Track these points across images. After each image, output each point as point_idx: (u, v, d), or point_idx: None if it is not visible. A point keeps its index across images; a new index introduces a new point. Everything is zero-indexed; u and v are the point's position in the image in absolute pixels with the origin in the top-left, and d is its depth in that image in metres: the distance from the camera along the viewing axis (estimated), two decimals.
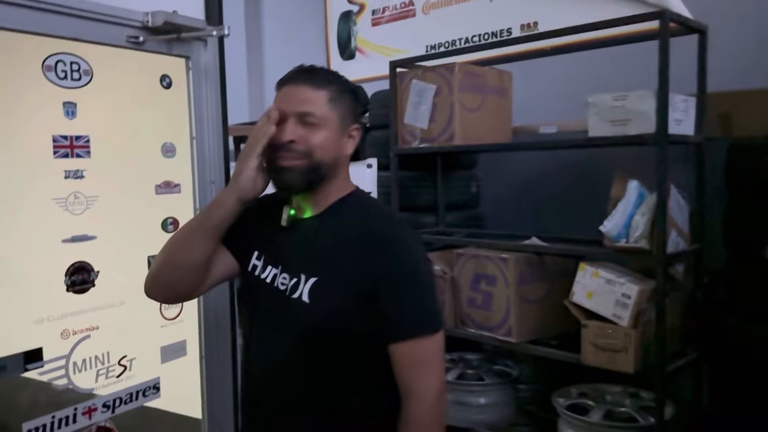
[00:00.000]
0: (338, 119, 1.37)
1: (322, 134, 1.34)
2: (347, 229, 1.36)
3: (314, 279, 1.32)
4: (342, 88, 1.40)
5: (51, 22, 1.70)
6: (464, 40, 3.96)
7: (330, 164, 1.37)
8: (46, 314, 1.74)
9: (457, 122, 2.94)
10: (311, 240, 1.38)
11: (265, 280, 1.42)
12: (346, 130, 1.40)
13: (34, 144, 1.70)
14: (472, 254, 2.86)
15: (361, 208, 1.43)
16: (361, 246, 1.32)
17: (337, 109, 1.37)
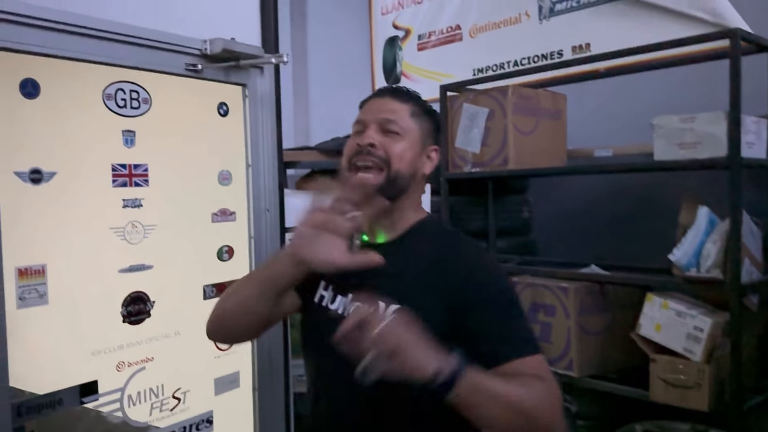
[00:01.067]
0: (419, 134, 1.33)
1: (402, 144, 1.29)
2: (429, 254, 1.27)
3: (396, 306, 1.20)
4: (424, 109, 1.37)
5: (112, 50, 1.70)
6: (513, 63, 3.89)
7: (407, 178, 1.30)
8: (103, 346, 1.71)
9: (511, 146, 2.86)
10: (388, 266, 1.22)
11: (336, 311, 1.31)
12: (426, 148, 1.35)
13: (94, 173, 1.69)
14: (529, 282, 2.76)
15: (441, 234, 1.35)
16: (448, 272, 1.23)
17: (420, 124, 1.33)
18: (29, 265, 1.54)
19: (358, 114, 1.37)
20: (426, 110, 1.37)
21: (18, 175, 1.52)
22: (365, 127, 1.31)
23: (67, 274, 1.63)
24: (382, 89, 1.41)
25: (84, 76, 1.67)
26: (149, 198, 1.82)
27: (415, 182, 1.33)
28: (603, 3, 3.42)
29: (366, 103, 1.38)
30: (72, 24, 1.59)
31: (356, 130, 1.33)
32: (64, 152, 1.62)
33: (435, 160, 1.37)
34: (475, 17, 4.13)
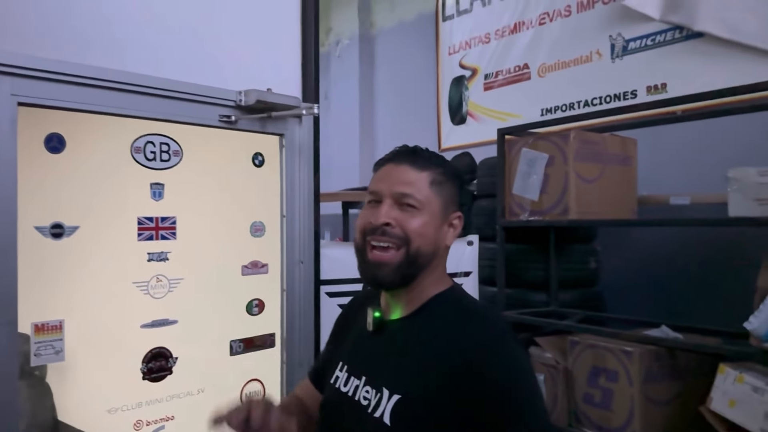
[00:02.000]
0: (440, 205, 1.19)
1: (421, 219, 1.16)
2: (438, 336, 1.14)
3: (398, 396, 1.11)
4: (447, 172, 1.22)
5: (141, 103, 1.70)
6: (583, 103, 3.71)
7: (428, 255, 1.18)
8: (120, 403, 1.67)
9: (572, 194, 2.68)
10: (398, 347, 1.18)
11: (346, 394, 1.22)
12: (448, 218, 1.21)
13: (118, 226, 1.68)
14: (590, 343, 2.54)
15: (456, 312, 1.19)
16: (453, 361, 1.09)
17: (440, 193, 1.20)
18: (46, 321, 1.53)
19: (372, 181, 1.24)
20: (448, 174, 1.23)
21: (39, 230, 1.53)
22: (380, 199, 1.19)
23: (86, 329, 1.61)
24: (400, 153, 1.25)
25: (112, 130, 1.67)
26: (176, 251, 1.79)
27: (437, 257, 1.20)
28: (681, 41, 3.20)
29: (381, 168, 1.24)
30: (99, 78, 1.60)
31: (371, 201, 1.21)
32: (88, 206, 1.62)
33: (458, 228, 1.23)
34: (545, 56, 3.99)
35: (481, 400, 1.05)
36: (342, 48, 5.73)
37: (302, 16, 2.12)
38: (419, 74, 4.87)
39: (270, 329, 2.01)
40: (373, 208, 1.19)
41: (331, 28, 5.90)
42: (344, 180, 4.87)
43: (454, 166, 1.29)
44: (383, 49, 5.38)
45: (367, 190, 1.24)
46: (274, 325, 2.01)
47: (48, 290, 1.54)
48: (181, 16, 1.89)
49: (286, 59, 2.09)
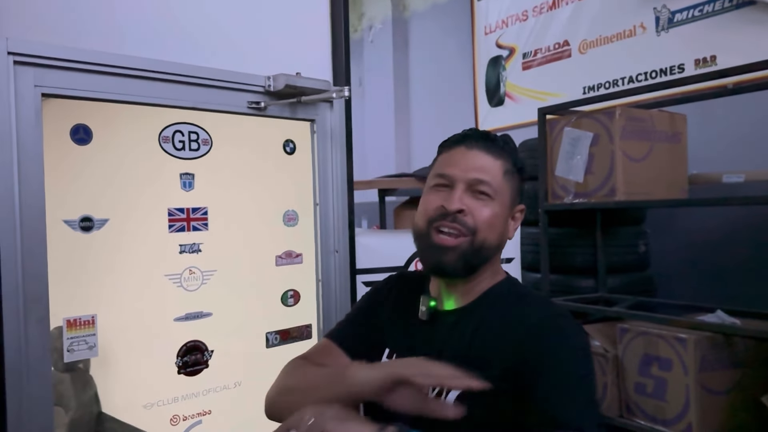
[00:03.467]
0: (510, 196, 1.16)
1: (492, 209, 1.12)
2: (497, 323, 1.12)
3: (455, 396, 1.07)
4: (515, 162, 1.18)
5: (168, 92, 1.65)
6: (627, 80, 3.54)
7: (493, 247, 1.15)
8: (156, 399, 1.64)
9: (619, 174, 2.55)
10: (457, 338, 1.13)
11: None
12: (513, 210, 1.18)
13: (148, 218, 1.64)
14: (641, 331, 2.42)
15: (512, 298, 1.16)
16: (513, 342, 1.07)
17: (511, 184, 1.16)
18: (78, 316, 1.51)
19: (441, 164, 1.18)
20: (516, 164, 1.18)
21: (68, 223, 1.50)
22: (452, 184, 1.13)
23: (119, 324, 1.58)
24: (473, 136, 1.18)
25: (139, 119, 1.63)
26: (208, 242, 1.75)
27: (499, 247, 1.17)
28: (730, 10, 3.01)
29: (451, 150, 1.18)
30: (125, 67, 1.56)
31: (439, 184, 1.15)
32: (117, 198, 1.58)
33: (519, 221, 1.19)
34: (585, 32, 3.83)
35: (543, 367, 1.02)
36: (375, 33, 5.64)
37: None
38: (454, 56, 4.75)
39: (306, 320, 1.96)
40: (441, 192, 1.14)
41: (364, 13, 5.81)
42: (380, 167, 4.80)
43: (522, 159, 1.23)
44: (417, 32, 5.27)
45: (433, 173, 1.18)
46: (310, 316, 1.96)
47: (79, 285, 1.52)
48: (207, 1, 1.84)
49: (315, 42, 2.02)
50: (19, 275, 1.40)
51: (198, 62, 1.71)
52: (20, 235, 1.40)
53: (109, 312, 1.56)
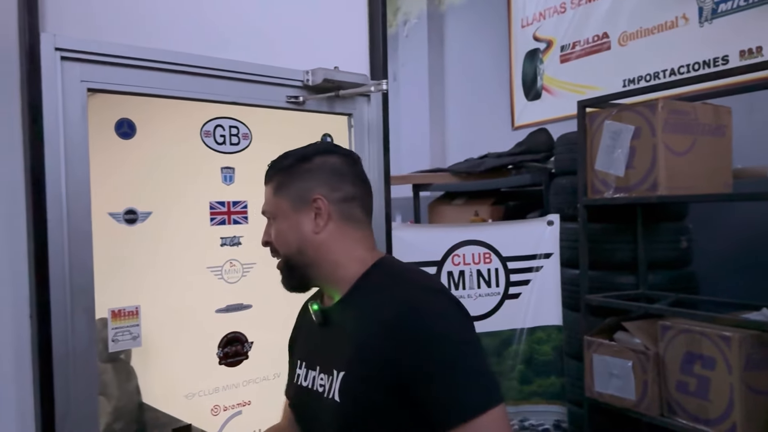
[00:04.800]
0: (289, 204, 1.19)
1: (276, 229, 1.21)
2: (367, 310, 1.13)
3: (343, 373, 1.12)
4: (294, 168, 1.21)
5: (210, 86, 1.67)
6: (669, 72, 3.46)
7: (297, 254, 1.19)
8: (197, 389, 1.67)
9: (661, 168, 2.49)
10: (340, 329, 1.18)
11: (307, 388, 1.23)
12: (306, 208, 1.18)
13: (191, 211, 1.67)
14: (683, 328, 2.37)
15: (382, 283, 1.16)
16: (380, 330, 1.08)
17: (286, 194, 1.20)
18: (122, 307, 1.54)
19: None
20: (293, 169, 1.20)
21: (113, 216, 1.53)
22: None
23: (162, 315, 1.61)
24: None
25: (181, 114, 1.65)
26: (248, 235, 1.77)
27: (312, 247, 1.17)
28: None
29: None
30: (168, 62, 1.59)
31: None
32: (160, 192, 1.61)
33: (325, 208, 1.17)
34: (626, 24, 3.75)
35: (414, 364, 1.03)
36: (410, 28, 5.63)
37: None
38: (490, 50, 4.70)
39: None
40: None
41: (399, 8, 5.80)
42: (414, 162, 4.80)
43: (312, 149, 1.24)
44: (452, 26, 5.24)
45: None
46: None
47: (123, 276, 1.55)
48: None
49: (352, 36, 2.02)
50: (66, 267, 1.44)
51: (237, 57, 1.73)
52: (67, 227, 1.44)
53: (151, 303, 1.59)
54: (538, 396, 2.78)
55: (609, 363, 2.58)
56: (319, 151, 1.23)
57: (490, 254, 2.73)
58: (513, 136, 4.25)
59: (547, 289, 2.81)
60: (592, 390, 2.63)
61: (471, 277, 2.71)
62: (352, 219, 1.19)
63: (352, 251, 1.19)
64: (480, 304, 2.72)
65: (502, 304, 2.75)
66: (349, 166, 1.21)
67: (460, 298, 2.74)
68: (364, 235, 1.21)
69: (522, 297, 2.78)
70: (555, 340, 2.80)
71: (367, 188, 1.24)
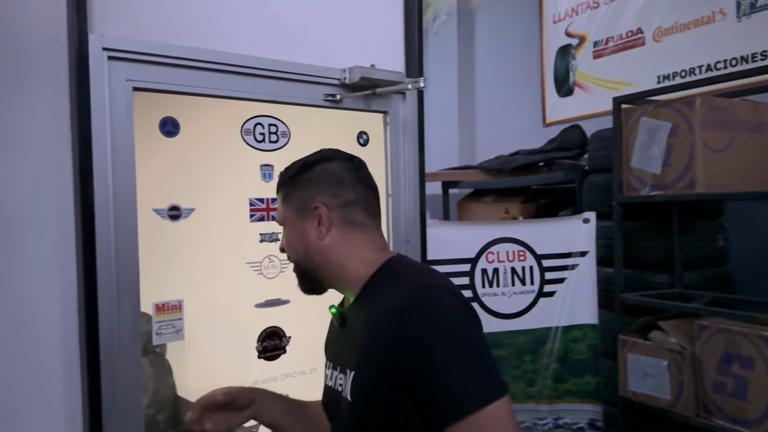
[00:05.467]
0: (294, 213, 1.24)
1: (285, 236, 1.27)
2: (372, 310, 1.16)
3: (353, 373, 1.15)
4: (297, 177, 1.24)
5: (250, 85, 1.70)
6: (705, 68, 3.40)
7: (305, 260, 1.23)
8: (237, 382, 1.68)
9: (698, 166, 2.46)
10: (353, 330, 1.21)
11: (331, 387, 1.27)
12: (309, 216, 1.21)
13: (231, 208, 1.70)
14: (721, 327, 2.34)
15: (387, 283, 1.18)
16: (382, 328, 1.10)
17: (292, 202, 1.24)
18: (166, 301, 1.57)
19: None
20: (301, 173, 1.23)
21: (157, 212, 1.56)
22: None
23: (203, 309, 1.64)
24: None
25: (222, 113, 1.68)
26: None
27: (318, 252, 1.20)
28: None
29: None
30: (210, 61, 1.61)
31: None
32: (202, 188, 1.64)
33: (323, 213, 1.19)
34: (660, 19, 3.70)
35: (413, 360, 1.04)
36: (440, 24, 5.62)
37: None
38: (521, 46, 4.67)
39: None
40: None
41: (429, 5, 5.79)
42: (443, 160, 4.79)
43: (314, 158, 1.25)
44: (483, 22, 5.21)
45: None
46: None
47: (167, 271, 1.59)
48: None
49: (388, 34, 2.03)
50: (112, 262, 1.48)
51: (276, 56, 1.75)
52: (114, 223, 1.48)
53: (194, 297, 1.62)
54: (573, 395, 2.76)
55: (644, 362, 2.56)
56: (320, 159, 1.24)
57: (524, 252, 2.72)
58: (544, 132, 4.22)
59: (583, 288, 2.79)
60: (626, 389, 2.61)
61: (505, 274, 2.70)
62: (355, 223, 1.20)
63: (357, 254, 1.21)
64: (514, 301, 2.72)
65: (537, 302, 2.73)
66: (349, 171, 1.23)
67: (494, 295, 2.77)
68: (371, 237, 1.22)
69: (557, 295, 2.76)
70: (590, 339, 2.78)
71: (369, 191, 1.25)
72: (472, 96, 5.28)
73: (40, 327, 1.44)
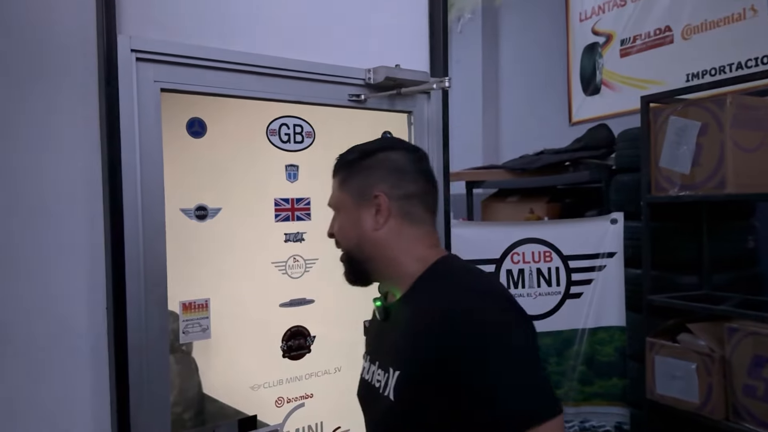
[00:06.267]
0: (352, 198, 1.20)
1: (338, 223, 1.23)
2: (422, 310, 1.11)
3: (398, 372, 1.11)
4: (358, 162, 1.20)
5: (276, 86, 1.71)
6: (735, 66, 3.34)
7: (357, 249, 1.20)
8: (262, 381, 1.71)
9: (729, 165, 2.41)
10: (397, 326, 1.17)
11: (367, 381, 1.24)
12: (368, 204, 1.17)
13: (257, 208, 1.72)
14: (751, 330, 2.29)
15: (439, 283, 1.14)
16: (432, 331, 1.05)
17: (350, 188, 1.21)
18: (193, 300, 1.59)
19: None
20: (361, 159, 1.20)
21: (184, 212, 1.58)
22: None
23: (229, 308, 1.65)
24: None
25: (248, 113, 1.69)
26: (311, 231, 1.80)
27: (371, 243, 1.17)
28: None
29: None
30: (236, 62, 1.63)
31: None
32: (229, 189, 1.66)
33: (384, 203, 1.15)
34: (689, 16, 3.63)
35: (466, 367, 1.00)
36: (464, 23, 5.59)
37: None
38: (547, 45, 4.63)
39: None
40: None
41: (453, 4, 5.77)
42: (466, 159, 4.76)
43: (376, 144, 1.24)
44: (507, 21, 5.18)
45: None
46: None
47: (194, 270, 1.60)
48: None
49: (413, 33, 2.02)
50: (140, 261, 1.50)
51: (301, 57, 1.75)
52: (142, 223, 1.50)
53: (220, 296, 1.64)
54: (599, 397, 2.73)
55: (672, 365, 2.52)
56: (382, 147, 1.21)
57: (550, 253, 2.70)
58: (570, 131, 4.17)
59: (610, 289, 2.75)
60: (653, 392, 2.57)
61: (531, 275, 2.68)
62: (412, 217, 1.17)
63: (411, 249, 1.17)
64: (540, 303, 2.69)
65: (563, 303, 2.71)
66: (411, 163, 1.19)
67: (519, 297, 2.74)
68: (425, 233, 1.19)
69: (584, 297, 2.73)
70: (618, 341, 2.75)
71: (429, 185, 1.22)
72: (496, 95, 5.24)
73: (69, 326, 1.46)
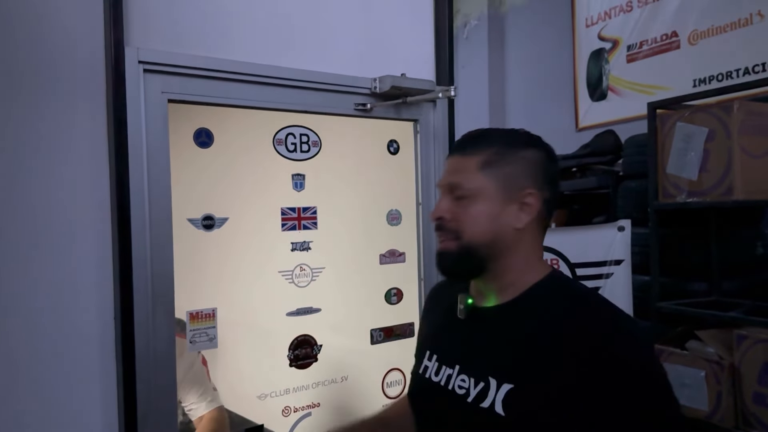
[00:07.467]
0: (497, 187, 1.07)
1: (473, 208, 1.07)
2: (549, 324, 1.04)
3: (510, 386, 1.03)
4: (507, 149, 1.09)
5: (282, 96, 1.72)
6: (743, 72, 3.32)
7: (488, 244, 1.08)
8: (269, 390, 1.71)
9: (737, 172, 2.40)
10: (502, 335, 1.09)
11: (438, 383, 1.15)
12: (513, 198, 1.08)
13: (263, 217, 1.72)
14: (761, 338, 2.27)
15: (566, 298, 1.08)
16: (571, 349, 0.99)
17: (495, 174, 1.08)
18: (200, 309, 1.60)
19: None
20: (511, 149, 1.09)
21: (191, 221, 1.59)
22: (441, 192, 1.13)
23: (236, 317, 1.66)
24: (457, 141, 1.16)
25: (255, 123, 1.70)
26: (317, 240, 1.81)
27: (504, 244, 1.08)
28: None
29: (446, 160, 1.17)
30: (243, 73, 1.63)
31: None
32: (236, 198, 1.67)
33: (535, 205, 1.08)
34: (696, 22, 3.62)
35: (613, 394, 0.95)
36: (470, 29, 5.59)
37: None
38: (553, 51, 4.63)
39: (409, 318, 1.98)
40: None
41: (459, 10, 5.77)
42: None
43: (524, 137, 1.13)
44: (514, 27, 5.18)
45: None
46: (413, 314, 1.98)
47: (201, 280, 1.61)
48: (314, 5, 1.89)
49: (419, 42, 2.03)
50: (148, 271, 1.51)
51: (307, 67, 1.76)
52: (149, 233, 1.51)
53: (226, 306, 1.64)
54: None
55: (680, 372, 2.50)
56: (536, 143, 1.12)
57: (557, 260, 2.68)
58: (577, 137, 4.16)
59: (618, 297, 2.73)
60: None
61: None
62: (544, 224, 1.11)
63: (532, 257, 1.12)
64: None
65: None
66: (555, 167, 1.13)
67: None
68: (540, 244, 1.13)
69: None
70: None
71: (557, 195, 1.14)
72: (503, 101, 5.24)
73: (77, 334, 1.47)
